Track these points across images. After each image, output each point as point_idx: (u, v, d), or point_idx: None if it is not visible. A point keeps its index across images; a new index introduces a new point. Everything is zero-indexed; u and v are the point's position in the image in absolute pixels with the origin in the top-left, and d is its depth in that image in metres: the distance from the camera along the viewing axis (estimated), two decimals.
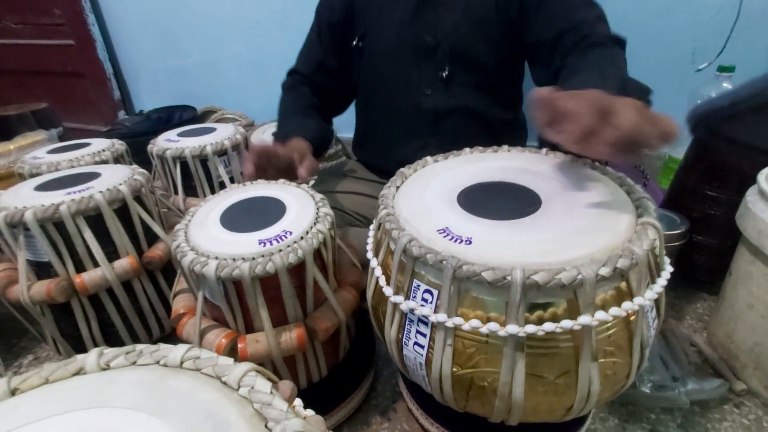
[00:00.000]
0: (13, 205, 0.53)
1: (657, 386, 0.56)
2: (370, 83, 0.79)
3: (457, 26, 0.70)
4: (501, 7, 0.67)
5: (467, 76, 0.72)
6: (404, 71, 0.74)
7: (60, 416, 0.24)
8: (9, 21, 1.50)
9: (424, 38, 0.71)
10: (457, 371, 0.39)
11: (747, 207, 0.56)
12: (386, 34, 0.73)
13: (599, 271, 0.33)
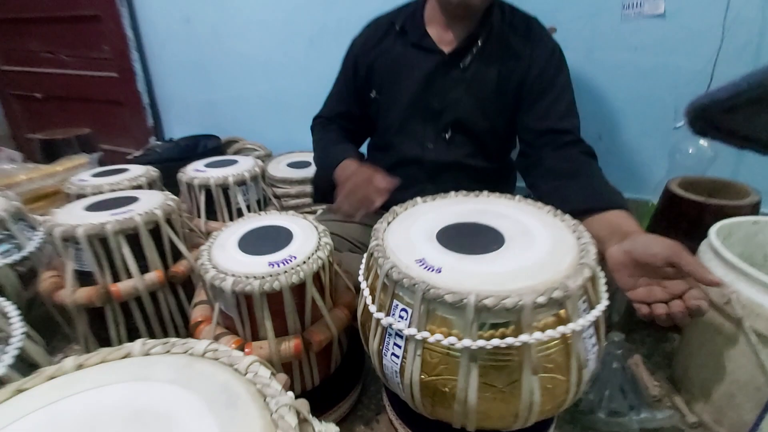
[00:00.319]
0: (67, 222, 0.63)
1: (613, 412, 0.62)
2: (382, 131, 0.90)
3: (460, 98, 0.81)
4: (500, 90, 0.79)
5: (465, 138, 0.83)
6: (412, 127, 0.85)
7: (114, 384, 0.33)
8: (62, 54, 1.69)
9: (432, 103, 0.82)
10: (424, 378, 0.46)
11: (699, 258, 0.64)
12: (400, 95, 0.84)
13: (537, 299, 0.41)
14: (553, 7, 1.08)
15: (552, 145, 0.76)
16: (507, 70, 0.78)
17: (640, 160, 1.15)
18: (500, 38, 0.78)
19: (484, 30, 0.77)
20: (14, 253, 0.71)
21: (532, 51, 0.77)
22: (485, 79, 0.80)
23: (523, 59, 0.78)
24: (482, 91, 0.80)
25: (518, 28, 0.79)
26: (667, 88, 1.06)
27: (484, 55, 0.79)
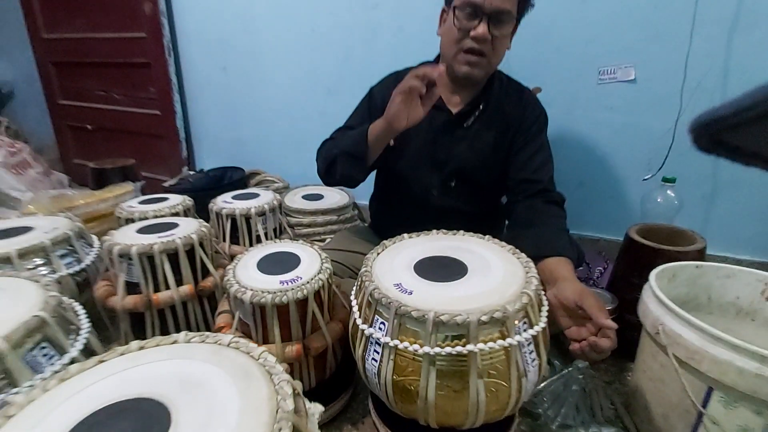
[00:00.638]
0: (123, 242, 0.79)
1: (563, 426, 0.72)
2: (393, 175, 1.01)
3: (463, 153, 0.94)
4: (496, 148, 0.94)
5: (465, 187, 0.97)
6: (420, 175, 0.97)
7: (167, 360, 0.47)
8: (114, 92, 1.94)
9: (439, 155, 0.95)
10: (395, 378, 0.59)
11: (642, 297, 0.75)
12: (412, 145, 0.95)
13: (481, 317, 0.54)
14: (539, 72, 1.24)
15: (525, 192, 0.90)
16: (502, 130, 0.93)
17: (617, 205, 1.27)
18: (498, 104, 0.93)
19: (485, 97, 0.92)
20: (75, 266, 0.87)
21: (522, 113, 0.93)
22: (484, 138, 0.93)
23: (514, 120, 0.93)
24: (482, 148, 0.94)
25: (512, 96, 0.95)
26: (638, 143, 1.19)
27: (484, 117, 0.93)
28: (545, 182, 0.89)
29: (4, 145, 1.78)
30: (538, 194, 0.88)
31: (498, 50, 0.86)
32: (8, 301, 0.58)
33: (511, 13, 0.82)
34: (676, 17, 1.05)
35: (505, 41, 0.86)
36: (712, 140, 0.23)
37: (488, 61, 0.85)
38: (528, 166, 0.91)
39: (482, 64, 0.85)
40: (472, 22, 0.81)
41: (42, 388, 0.42)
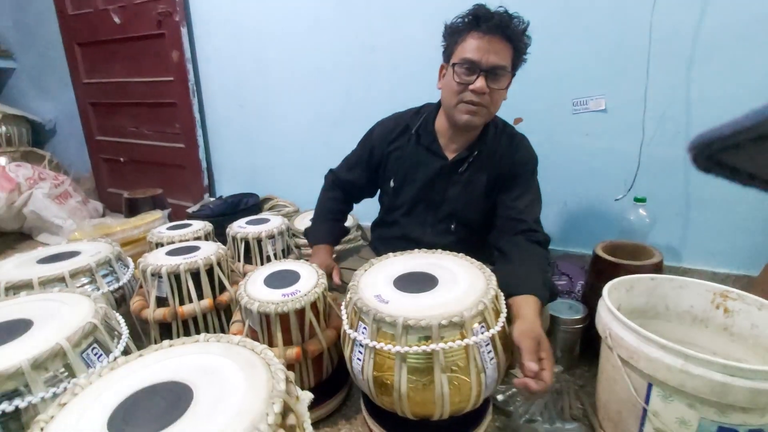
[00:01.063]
0: (155, 263, 0.94)
1: (530, 420, 0.82)
2: (392, 211, 1.11)
3: (457, 196, 1.01)
4: (488, 192, 1.00)
5: (459, 227, 1.04)
6: (417, 213, 1.06)
7: (191, 354, 0.60)
8: (144, 129, 2.16)
9: (434, 197, 1.03)
10: (375, 374, 0.70)
11: (599, 313, 0.82)
12: (410, 186, 1.05)
13: (441, 321, 0.65)
14: (519, 103, 1.37)
15: (511, 231, 0.95)
16: (493, 176, 0.99)
17: (598, 222, 1.36)
18: (491, 152, 0.99)
19: (480, 145, 0.99)
20: (114, 284, 1.02)
21: (511, 159, 0.99)
22: (477, 183, 1.00)
23: (505, 167, 0.99)
24: (474, 192, 1.01)
25: (504, 141, 1.01)
26: (613, 166, 1.30)
27: (477, 164, 1.00)
28: (530, 222, 0.93)
29: (49, 178, 2.00)
30: (522, 233, 0.93)
31: (496, 101, 0.92)
32: (69, 310, 0.73)
33: (506, 68, 0.89)
34: (634, 54, 1.17)
35: (502, 93, 0.92)
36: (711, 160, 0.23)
37: (487, 111, 0.92)
38: (514, 206, 0.96)
39: (482, 113, 0.91)
40: (471, 77, 0.88)
41: (98, 374, 0.56)
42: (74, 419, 0.48)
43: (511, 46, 0.89)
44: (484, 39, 0.86)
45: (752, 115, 0.19)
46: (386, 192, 1.12)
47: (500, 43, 0.87)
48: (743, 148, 0.21)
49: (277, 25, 1.73)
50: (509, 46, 0.88)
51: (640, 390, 0.72)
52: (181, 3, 1.82)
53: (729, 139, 0.21)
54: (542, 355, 0.70)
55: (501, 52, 0.87)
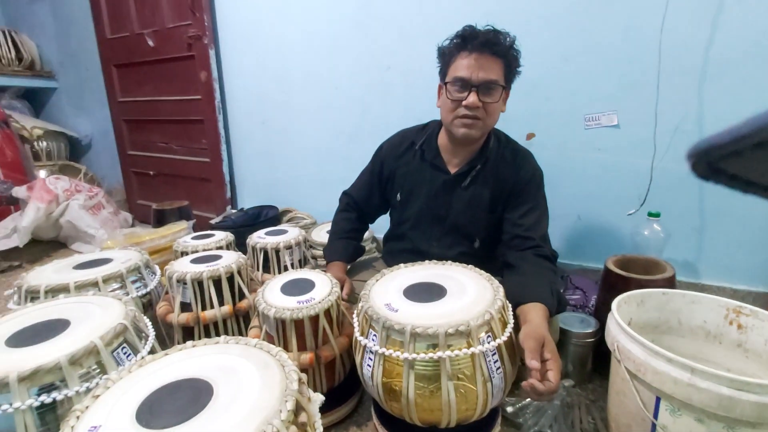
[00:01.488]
0: (180, 270, 1.00)
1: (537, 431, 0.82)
2: (400, 224, 1.15)
3: (460, 211, 1.04)
4: (491, 207, 1.03)
5: (463, 240, 1.07)
6: (423, 227, 1.10)
7: (212, 354, 0.64)
8: (173, 144, 2.28)
9: (439, 212, 1.06)
10: (384, 380, 0.73)
11: (607, 326, 0.82)
12: (416, 200, 1.09)
13: (448, 330, 0.68)
14: (531, 120, 1.40)
15: (518, 247, 0.97)
16: (497, 191, 1.01)
17: (612, 237, 1.36)
18: (494, 165, 1.02)
19: (482, 160, 1.02)
20: (142, 290, 1.08)
21: (515, 175, 1.00)
22: (480, 197, 1.03)
23: (508, 182, 1.01)
24: (478, 207, 1.03)
25: (508, 157, 1.03)
26: (626, 181, 1.30)
27: (480, 178, 1.02)
28: (537, 239, 0.95)
29: (84, 190, 2.13)
30: (530, 248, 0.95)
31: (491, 113, 0.95)
32: (102, 312, 0.79)
33: (497, 82, 0.92)
34: (645, 70, 1.19)
35: (495, 106, 0.94)
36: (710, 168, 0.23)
37: (483, 123, 0.95)
38: (521, 223, 0.97)
39: (478, 126, 0.95)
40: (463, 94, 0.92)
41: (128, 370, 0.61)
42: (106, 410, 0.53)
43: (500, 60, 0.92)
44: (472, 57, 0.91)
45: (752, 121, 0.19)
46: (394, 206, 1.16)
47: (489, 59, 0.91)
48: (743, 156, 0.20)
49: (298, 46, 1.82)
50: (498, 60, 0.92)
51: (648, 404, 0.72)
52: (210, 27, 1.94)
53: (728, 146, 0.20)
54: (547, 356, 0.70)
55: (490, 68, 0.91)
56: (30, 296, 0.93)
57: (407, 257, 1.07)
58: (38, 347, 0.69)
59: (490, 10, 1.39)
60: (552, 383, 0.67)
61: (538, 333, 0.73)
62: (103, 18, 2.29)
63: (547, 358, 0.70)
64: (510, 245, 0.98)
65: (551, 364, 0.70)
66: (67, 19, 2.72)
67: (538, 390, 0.67)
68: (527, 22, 1.34)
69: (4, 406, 0.60)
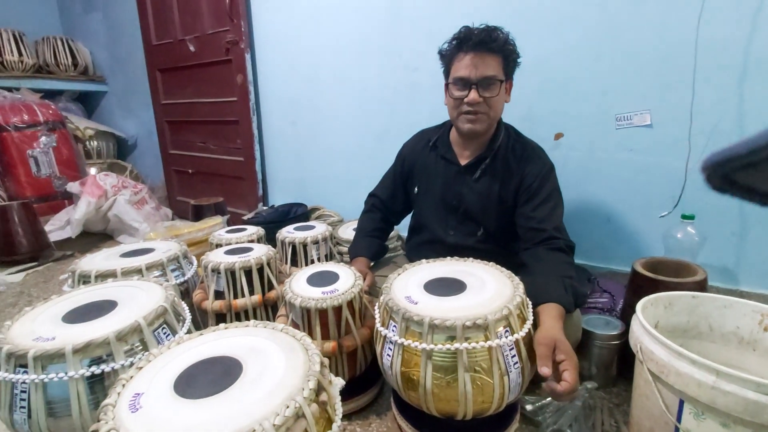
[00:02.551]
0: (214, 260, 1.07)
1: (556, 431, 0.82)
2: (419, 216, 1.23)
3: (474, 200, 1.09)
4: (500, 198, 1.06)
5: (475, 228, 1.11)
6: (439, 217, 1.15)
7: (242, 336, 0.69)
8: (211, 144, 2.40)
9: (451, 201, 1.12)
10: (403, 370, 0.75)
11: (631, 327, 0.81)
12: (431, 192, 1.15)
13: (465, 323, 0.69)
14: (560, 120, 1.39)
15: (532, 240, 0.99)
16: (506, 183, 1.05)
17: (641, 239, 1.32)
18: (503, 160, 1.06)
19: (491, 153, 1.06)
20: (180, 278, 1.16)
21: (524, 169, 1.04)
22: (490, 189, 1.07)
23: (517, 175, 1.04)
24: (487, 198, 1.08)
25: (517, 151, 1.06)
26: (660, 182, 1.26)
27: (489, 172, 1.07)
28: (550, 230, 0.96)
29: (130, 187, 2.28)
30: (544, 242, 0.96)
31: (494, 106, 1.00)
32: (144, 295, 0.86)
33: (495, 77, 0.97)
34: (680, 68, 1.15)
35: (498, 98, 0.99)
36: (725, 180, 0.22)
37: (487, 116, 1.00)
38: (533, 216, 1.00)
39: (481, 119, 1.00)
40: (464, 92, 0.98)
41: (167, 346, 0.66)
42: (148, 379, 0.58)
43: (496, 56, 0.97)
44: (469, 56, 0.96)
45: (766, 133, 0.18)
46: (414, 200, 1.23)
47: (485, 57, 0.96)
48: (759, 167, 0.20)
49: (328, 49, 1.88)
50: (495, 56, 0.97)
51: (671, 406, 0.70)
52: (246, 32, 2.04)
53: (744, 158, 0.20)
54: (560, 357, 0.71)
55: (487, 64, 0.96)
56: (82, 280, 1.02)
57: (427, 248, 1.13)
58: (90, 324, 0.76)
59: (517, 9, 1.39)
60: (569, 383, 0.68)
61: (549, 337, 0.74)
62: (149, 26, 2.45)
63: (561, 359, 0.71)
64: (525, 239, 1.01)
65: (566, 365, 0.70)
66: (117, 27, 2.92)
67: (557, 391, 0.68)
68: (558, 22, 1.33)
69: (60, 374, 0.67)
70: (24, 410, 0.67)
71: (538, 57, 1.37)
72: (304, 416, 0.52)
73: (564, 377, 0.69)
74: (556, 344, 0.73)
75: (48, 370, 0.67)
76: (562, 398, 0.70)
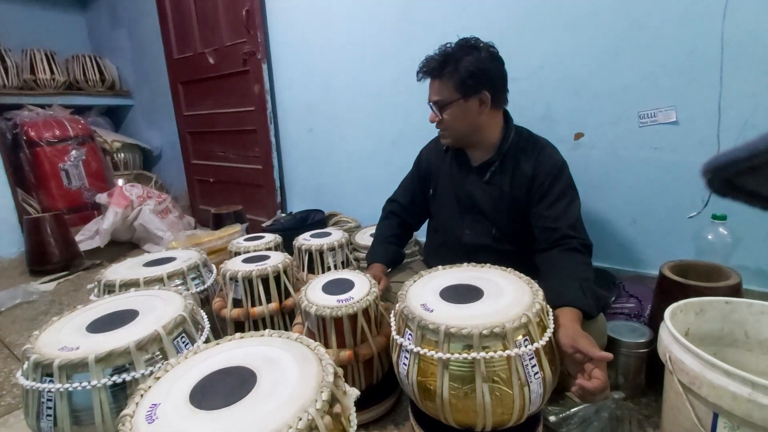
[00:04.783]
0: (232, 269, 1.08)
1: None
2: (435, 219, 1.24)
3: (486, 200, 1.09)
4: (512, 198, 1.06)
5: (488, 227, 1.11)
6: (454, 218, 1.16)
7: (256, 346, 0.69)
8: (230, 153, 2.46)
9: (465, 202, 1.13)
10: (419, 379, 0.74)
11: (660, 335, 0.77)
12: (446, 194, 1.17)
13: (482, 331, 0.67)
14: (580, 118, 1.35)
15: (547, 240, 0.97)
16: (516, 183, 1.05)
17: (670, 241, 1.26)
18: (513, 160, 1.06)
19: (498, 156, 1.06)
20: (200, 286, 1.18)
21: (534, 168, 1.03)
22: (501, 190, 1.07)
23: (528, 175, 1.03)
24: (499, 198, 1.07)
25: (527, 150, 1.05)
26: (685, 181, 1.21)
27: (499, 173, 1.07)
28: (564, 229, 0.95)
29: (154, 197, 2.35)
30: (558, 241, 0.95)
31: (449, 125, 1.05)
32: (164, 304, 0.87)
33: (443, 100, 1.02)
34: (706, 62, 1.10)
35: (453, 117, 1.03)
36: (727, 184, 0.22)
37: (450, 132, 1.07)
38: (547, 215, 0.99)
39: (446, 135, 1.08)
40: (431, 112, 1.06)
41: (185, 356, 0.67)
42: (165, 390, 0.59)
43: (440, 80, 1.02)
44: (427, 83, 1.06)
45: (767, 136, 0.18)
46: (430, 201, 1.24)
47: (433, 82, 1.04)
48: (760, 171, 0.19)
49: (342, 55, 1.89)
50: (439, 81, 1.02)
51: (704, 420, 0.66)
52: (263, 42, 2.07)
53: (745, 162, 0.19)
54: (587, 354, 0.69)
55: (434, 89, 1.04)
56: (107, 289, 1.06)
57: (445, 249, 1.14)
58: (112, 333, 0.78)
59: (531, 7, 1.36)
60: (600, 380, 0.67)
61: (569, 336, 0.73)
62: (171, 40, 2.53)
63: (588, 357, 0.69)
64: (540, 239, 1.00)
65: (595, 362, 0.69)
66: (142, 43, 3.03)
67: (587, 388, 0.66)
68: (575, 18, 1.29)
69: (83, 383, 0.69)
70: (50, 418, 0.69)
71: (555, 55, 1.34)
72: (317, 428, 0.51)
73: (594, 375, 0.67)
74: (579, 343, 0.71)
75: (72, 379, 0.69)
76: (594, 398, 0.69)
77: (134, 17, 3.00)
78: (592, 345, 0.70)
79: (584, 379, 0.69)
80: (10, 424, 1.00)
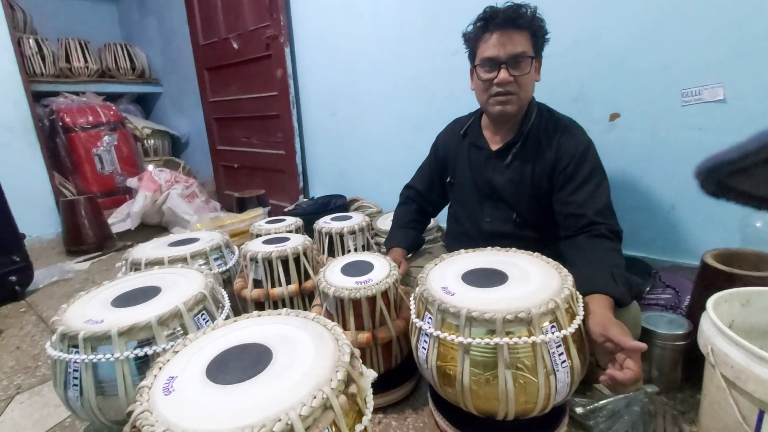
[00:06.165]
0: (253, 250, 1.09)
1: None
2: (455, 206, 1.21)
3: (506, 185, 1.04)
4: (533, 182, 1.01)
5: (509, 214, 1.06)
6: (474, 205, 1.12)
7: (273, 324, 0.69)
8: (254, 138, 2.48)
9: (484, 188, 1.08)
10: (439, 364, 0.72)
11: (701, 327, 0.72)
12: (464, 181, 1.13)
13: (506, 316, 0.64)
14: (616, 98, 1.27)
15: (572, 227, 0.92)
16: (539, 166, 0.99)
17: (712, 229, 1.18)
18: (535, 141, 1.00)
19: (521, 137, 1.01)
20: (222, 267, 1.20)
21: (557, 150, 0.97)
22: (522, 174, 1.02)
23: (551, 157, 0.98)
24: (520, 183, 1.02)
25: (549, 131, 1.00)
26: None
27: (520, 155, 1.02)
28: (590, 215, 0.89)
29: (182, 182, 2.40)
30: (584, 228, 0.90)
31: (524, 86, 0.95)
32: (186, 282, 0.88)
33: (525, 54, 0.92)
34: (757, 34, 1.00)
35: (528, 77, 0.94)
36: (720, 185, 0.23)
37: (517, 97, 0.96)
38: (572, 201, 0.94)
39: (512, 101, 0.96)
40: (493, 73, 0.94)
41: (203, 332, 0.67)
42: (183, 363, 0.59)
43: (524, 32, 0.92)
44: (496, 35, 0.92)
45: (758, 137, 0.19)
46: (449, 189, 1.20)
47: (513, 34, 0.92)
48: (752, 172, 0.20)
49: (366, 37, 1.85)
50: (523, 32, 0.92)
51: (749, 418, 0.61)
52: (285, 26, 2.06)
53: (736, 163, 0.21)
54: (619, 343, 0.65)
55: (516, 42, 0.92)
56: (134, 267, 1.08)
57: (465, 237, 1.11)
58: (136, 308, 0.79)
59: None
60: (633, 371, 0.63)
61: (600, 323, 0.69)
62: (197, 26, 2.55)
63: (620, 347, 0.65)
64: (565, 225, 0.95)
65: (627, 352, 0.64)
66: (169, 30, 3.07)
67: (618, 379, 0.63)
68: None
69: (107, 356, 0.70)
70: (77, 388, 0.71)
71: (589, 30, 1.26)
72: (331, 408, 0.50)
73: (626, 365, 0.63)
74: (610, 332, 0.67)
75: (97, 351, 0.71)
76: (625, 389, 0.65)
77: (162, 5, 3.04)
78: (624, 334, 0.66)
79: (615, 369, 0.64)
80: (44, 393, 1.05)
